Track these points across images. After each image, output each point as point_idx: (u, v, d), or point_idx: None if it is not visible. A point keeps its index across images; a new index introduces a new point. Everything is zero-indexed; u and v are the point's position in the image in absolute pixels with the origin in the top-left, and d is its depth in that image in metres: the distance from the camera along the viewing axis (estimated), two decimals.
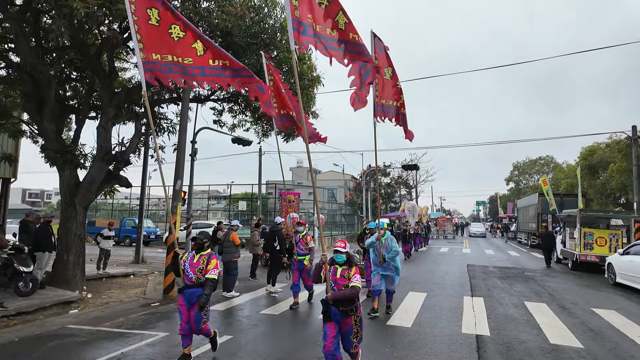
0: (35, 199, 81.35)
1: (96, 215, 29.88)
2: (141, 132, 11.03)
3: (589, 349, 5.76)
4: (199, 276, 4.86)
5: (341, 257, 4.43)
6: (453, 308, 8.11)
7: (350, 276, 4.31)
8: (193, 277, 4.87)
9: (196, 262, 4.94)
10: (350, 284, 4.25)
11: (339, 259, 4.44)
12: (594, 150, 31.63)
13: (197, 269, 4.88)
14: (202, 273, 4.87)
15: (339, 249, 4.43)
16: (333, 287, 4.34)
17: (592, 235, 14.20)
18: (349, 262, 4.45)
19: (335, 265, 4.47)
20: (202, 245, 5.02)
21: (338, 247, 4.44)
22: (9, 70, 9.81)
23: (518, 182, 68.41)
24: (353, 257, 4.53)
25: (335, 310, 4.19)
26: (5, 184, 14.49)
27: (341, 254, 4.44)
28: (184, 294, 4.89)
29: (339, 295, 4.20)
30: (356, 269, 4.41)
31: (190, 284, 4.88)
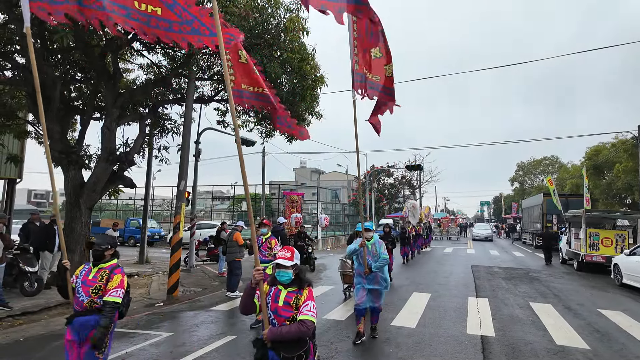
0: (40, 200, 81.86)
1: (101, 216, 30.03)
2: (145, 132, 11.07)
3: (595, 350, 5.71)
4: (93, 298, 3.39)
5: (286, 274, 2.95)
6: (458, 309, 8.06)
7: (300, 304, 2.87)
8: (85, 300, 3.40)
9: (92, 278, 3.47)
10: (298, 317, 2.81)
11: (282, 276, 2.95)
12: (600, 150, 31.43)
13: (92, 288, 3.42)
14: (98, 294, 3.41)
15: (282, 262, 2.93)
16: (272, 321, 2.91)
17: (597, 236, 14.09)
18: (299, 282, 2.98)
19: (277, 286, 3.01)
20: (101, 254, 3.59)
21: (281, 259, 2.95)
22: (14, 71, 9.88)
23: (523, 182, 68.07)
24: (304, 274, 3.05)
25: (275, 358, 2.85)
26: (10, 184, 14.60)
27: (285, 269, 2.94)
28: (72, 324, 3.42)
29: (279, 333, 2.81)
30: (309, 293, 2.95)
31: (81, 310, 3.42)
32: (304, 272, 3.06)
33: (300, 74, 9.89)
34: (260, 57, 9.09)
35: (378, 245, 5.89)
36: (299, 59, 9.76)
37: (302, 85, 10.04)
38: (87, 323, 3.38)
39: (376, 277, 5.81)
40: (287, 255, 2.99)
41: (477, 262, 17.07)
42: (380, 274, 5.84)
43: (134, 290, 10.10)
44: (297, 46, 9.84)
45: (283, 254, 3.00)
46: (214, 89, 12.52)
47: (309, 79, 10.13)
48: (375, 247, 5.87)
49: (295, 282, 2.99)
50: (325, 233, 25.94)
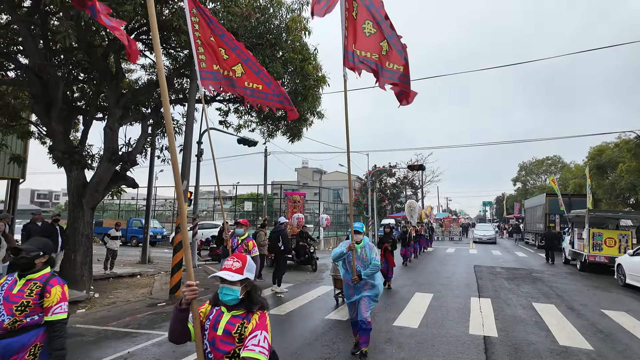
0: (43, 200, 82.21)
1: (103, 216, 30.13)
2: (147, 132, 11.09)
3: (599, 351, 5.68)
4: (18, 317, 2.66)
5: (230, 292, 2.16)
6: (460, 309, 8.04)
7: (246, 335, 2.09)
8: (6, 320, 2.65)
9: (17, 292, 2.73)
10: (242, 353, 2.03)
11: (226, 295, 2.16)
12: (603, 150, 31.28)
13: (16, 304, 2.68)
14: (25, 312, 2.68)
15: (225, 275, 2.15)
16: (209, 355, 2.16)
17: (601, 236, 14.03)
18: (247, 304, 2.19)
19: (218, 308, 2.22)
20: (29, 262, 2.83)
21: (225, 271, 2.17)
22: (17, 72, 9.92)
23: (525, 182, 67.88)
24: (257, 293, 2.27)
25: None
26: (14, 184, 14.66)
27: (231, 285, 2.15)
28: None
29: None
30: (261, 320, 2.14)
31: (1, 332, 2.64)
32: (257, 289, 2.28)
33: (302, 74, 9.89)
34: (262, 57, 9.10)
35: (369, 249, 5.18)
36: (301, 59, 9.77)
37: (304, 85, 10.05)
38: (9, 347, 2.65)
39: (365, 285, 5.15)
40: (234, 265, 2.19)
41: (480, 262, 17.02)
42: (371, 281, 5.16)
43: (137, 290, 10.12)
44: (299, 46, 9.85)
45: (230, 263, 2.21)
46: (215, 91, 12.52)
47: (311, 79, 10.14)
48: (366, 251, 5.16)
49: (243, 303, 2.18)
50: (327, 233, 25.93)
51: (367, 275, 5.08)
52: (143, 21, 8.74)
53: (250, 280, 2.27)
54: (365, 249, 5.20)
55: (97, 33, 8.98)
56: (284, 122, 12.03)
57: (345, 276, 5.31)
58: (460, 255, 20.55)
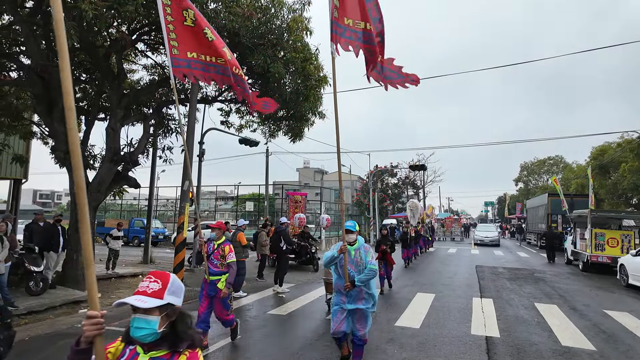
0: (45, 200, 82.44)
1: (105, 216, 30.18)
2: (149, 133, 11.11)
3: (602, 351, 5.66)
4: None
5: (145, 324, 1.59)
6: (462, 309, 8.03)
7: None
8: None
9: None
10: None
11: (139, 329, 1.59)
12: (605, 149, 31.18)
13: None
14: None
15: (135, 301, 1.58)
16: None
17: (603, 236, 13.98)
18: (172, 340, 1.63)
19: (133, 347, 1.65)
20: None
21: (137, 296, 1.61)
22: (19, 72, 9.95)
23: (527, 182, 67.75)
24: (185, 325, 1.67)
25: None
26: (16, 184, 14.70)
27: (145, 314, 1.60)
28: None
29: None
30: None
31: None
32: (186, 319, 1.68)
33: (304, 74, 9.89)
34: (264, 58, 9.11)
35: (364, 251, 4.52)
36: (303, 58, 9.76)
37: (305, 85, 10.04)
38: None
39: (360, 294, 4.42)
40: (150, 287, 1.61)
41: (481, 262, 16.99)
42: (366, 289, 4.42)
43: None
44: (300, 46, 9.85)
45: (145, 284, 1.63)
46: (218, 90, 12.54)
47: (313, 79, 10.14)
48: (360, 254, 4.49)
49: (165, 340, 1.61)
50: (329, 233, 25.91)
51: (361, 281, 4.32)
52: (145, 22, 8.75)
53: (176, 307, 1.65)
54: (360, 251, 4.49)
55: (99, 33, 9.00)
56: (285, 122, 12.03)
57: (337, 282, 4.50)
58: (462, 255, 20.52)
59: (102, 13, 6.61)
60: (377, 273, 4.49)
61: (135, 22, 8.75)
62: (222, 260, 5.39)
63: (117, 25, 8.80)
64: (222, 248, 5.46)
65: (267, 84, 10.12)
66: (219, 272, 5.39)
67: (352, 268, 4.42)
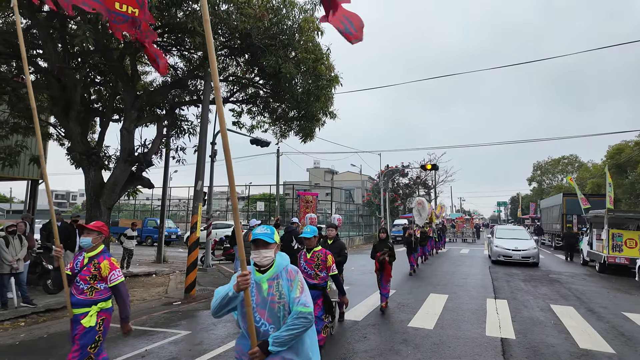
0: (61, 200, 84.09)
1: (119, 216, 30.65)
2: (163, 133, 11.25)
3: (621, 354, 5.53)
4: None
5: None
6: (476, 310, 7.93)
7: None
8: None
9: None
10: None
11: None
12: (622, 148, 30.55)
13: None
14: None
15: None
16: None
17: (621, 237, 13.68)
18: None
19: None
20: None
21: None
22: (37, 75, 10.17)
23: (541, 182, 66.71)
24: None
25: None
26: (34, 185, 15.03)
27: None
28: None
29: None
30: None
31: None
32: None
33: (315, 74, 9.90)
34: (276, 58, 9.14)
35: (286, 282, 2.42)
36: (314, 59, 9.77)
37: (316, 86, 10.04)
38: None
39: None
40: None
41: (495, 263, 16.76)
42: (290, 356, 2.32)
43: (153, 289, 10.26)
44: (311, 46, 9.86)
45: None
46: (230, 90, 12.64)
47: (324, 79, 10.13)
48: (279, 287, 2.40)
49: None
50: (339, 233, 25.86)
51: (281, 342, 2.25)
52: (157, 24, 8.85)
53: None
54: (279, 282, 2.40)
55: (113, 36, 9.15)
56: (296, 123, 12.06)
57: (239, 343, 2.46)
58: (474, 256, 20.28)
59: None
60: (312, 321, 2.32)
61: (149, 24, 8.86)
62: (92, 283, 3.46)
63: None
64: (97, 265, 3.48)
65: (278, 84, 10.15)
66: (86, 302, 3.47)
67: (262, 316, 2.36)
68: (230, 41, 9.77)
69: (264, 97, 12.37)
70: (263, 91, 12.09)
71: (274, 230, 2.54)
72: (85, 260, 3.57)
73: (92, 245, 3.60)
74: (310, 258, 5.02)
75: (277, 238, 2.50)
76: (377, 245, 8.08)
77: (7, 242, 7.27)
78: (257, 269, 2.46)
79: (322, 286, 4.96)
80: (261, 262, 2.44)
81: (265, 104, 12.60)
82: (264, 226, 2.56)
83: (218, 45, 9.48)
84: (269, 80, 10.75)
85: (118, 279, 3.57)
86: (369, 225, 34.46)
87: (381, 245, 7.93)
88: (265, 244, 2.43)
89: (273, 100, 12.09)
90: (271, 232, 2.49)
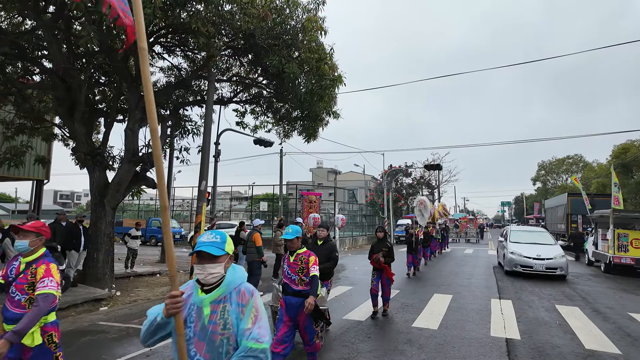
0: (66, 200, 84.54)
1: (123, 216, 30.79)
2: (166, 134, 11.28)
3: (627, 355, 5.49)
4: None
5: None
6: (480, 310, 7.90)
7: None
8: None
9: None
10: None
11: None
12: (627, 148, 30.36)
13: None
14: None
15: None
16: None
17: (627, 237, 13.58)
18: None
19: None
20: None
21: None
22: (42, 75, 10.23)
23: (545, 182, 66.39)
24: None
25: None
26: (39, 185, 15.12)
27: None
28: None
29: None
30: None
31: None
32: None
33: (318, 73, 9.89)
34: (279, 58, 9.14)
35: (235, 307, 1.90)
36: (317, 58, 9.77)
37: (320, 85, 10.04)
38: None
39: None
40: None
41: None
42: None
43: (157, 288, 10.29)
44: (315, 46, 9.86)
45: None
46: (233, 90, 12.66)
47: (327, 79, 10.12)
48: (225, 314, 1.88)
49: None
50: (342, 233, 25.86)
51: None
52: (161, 24, 8.88)
53: None
54: (227, 306, 1.91)
55: (118, 37, 9.18)
56: (300, 123, 12.06)
57: None
58: (478, 256, 20.20)
59: None
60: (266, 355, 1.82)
61: (152, 24, 8.89)
62: (30, 293, 2.94)
63: None
64: (33, 272, 3.00)
65: (282, 84, 10.15)
66: (14, 317, 2.89)
67: (199, 350, 1.89)
68: (233, 41, 9.78)
69: (267, 97, 12.38)
70: (266, 91, 12.11)
71: (224, 238, 2.00)
72: (22, 267, 3.01)
73: (30, 249, 3.05)
74: (294, 262, 4.39)
75: (229, 247, 1.98)
76: (374, 246, 7.47)
77: (14, 241, 7.31)
78: (200, 287, 1.94)
79: (307, 293, 4.24)
80: (206, 279, 1.89)
81: (268, 104, 12.61)
82: (211, 232, 2.02)
83: (222, 45, 9.49)
84: (273, 80, 10.76)
85: (47, 289, 2.86)
86: (372, 225, 34.40)
87: (379, 245, 7.33)
88: (211, 258, 1.88)
89: (276, 100, 12.10)
90: (221, 240, 1.97)
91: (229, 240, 2.02)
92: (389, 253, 7.21)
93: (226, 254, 1.95)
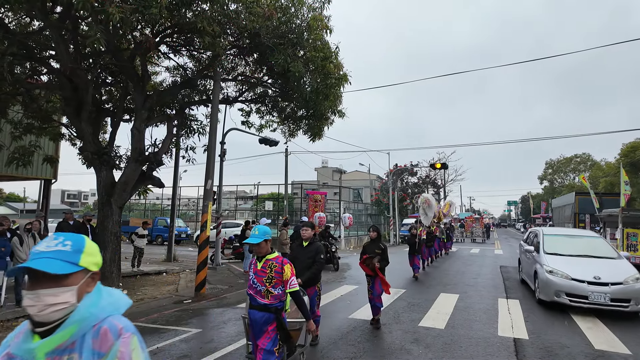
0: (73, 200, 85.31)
1: (130, 215, 30.99)
2: (173, 133, 11.32)
3: (637, 355, 5.41)
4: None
5: None
6: (487, 310, 7.84)
7: None
8: None
9: None
10: None
11: None
12: (636, 146, 30.00)
13: None
14: None
15: None
16: None
17: (636, 237, 13.43)
18: None
19: None
20: None
21: None
22: (50, 76, 10.30)
23: (552, 181, 65.82)
24: None
25: None
26: (46, 184, 15.25)
27: None
28: None
29: None
30: None
31: None
32: None
33: (324, 72, 9.87)
34: (284, 57, 9.12)
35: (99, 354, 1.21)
36: (323, 57, 9.74)
37: (325, 84, 10.01)
38: None
39: None
40: None
41: (506, 262, 16.56)
42: None
43: (163, 287, 10.34)
44: (320, 45, 9.83)
45: None
46: (239, 90, 12.68)
47: (332, 78, 10.09)
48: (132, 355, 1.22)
49: None
50: (348, 232, 25.83)
51: None
52: (167, 24, 8.91)
53: None
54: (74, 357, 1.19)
55: (124, 36, 9.23)
56: (305, 122, 12.05)
57: None
58: (485, 255, 20.08)
59: (127, 16, 6.76)
60: None
61: (159, 24, 8.93)
62: None
63: (141, 28, 9.00)
64: None
65: (287, 83, 10.14)
66: None
67: None
68: (239, 41, 9.79)
69: (272, 97, 12.38)
70: (272, 90, 12.11)
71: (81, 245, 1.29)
72: None
73: None
74: (261, 269, 3.53)
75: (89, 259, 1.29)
76: (367, 247, 6.65)
77: (22, 240, 7.38)
78: (32, 328, 1.21)
79: (275, 307, 3.45)
80: (42, 315, 1.17)
81: (274, 103, 12.61)
82: (55, 235, 1.30)
83: (227, 44, 9.50)
84: (278, 79, 10.75)
85: None
86: (378, 225, 34.28)
87: (372, 247, 6.55)
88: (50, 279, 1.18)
89: (282, 100, 12.09)
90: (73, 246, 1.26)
91: (90, 246, 1.29)
92: (383, 255, 6.43)
93: (82, 271, 1.23)
